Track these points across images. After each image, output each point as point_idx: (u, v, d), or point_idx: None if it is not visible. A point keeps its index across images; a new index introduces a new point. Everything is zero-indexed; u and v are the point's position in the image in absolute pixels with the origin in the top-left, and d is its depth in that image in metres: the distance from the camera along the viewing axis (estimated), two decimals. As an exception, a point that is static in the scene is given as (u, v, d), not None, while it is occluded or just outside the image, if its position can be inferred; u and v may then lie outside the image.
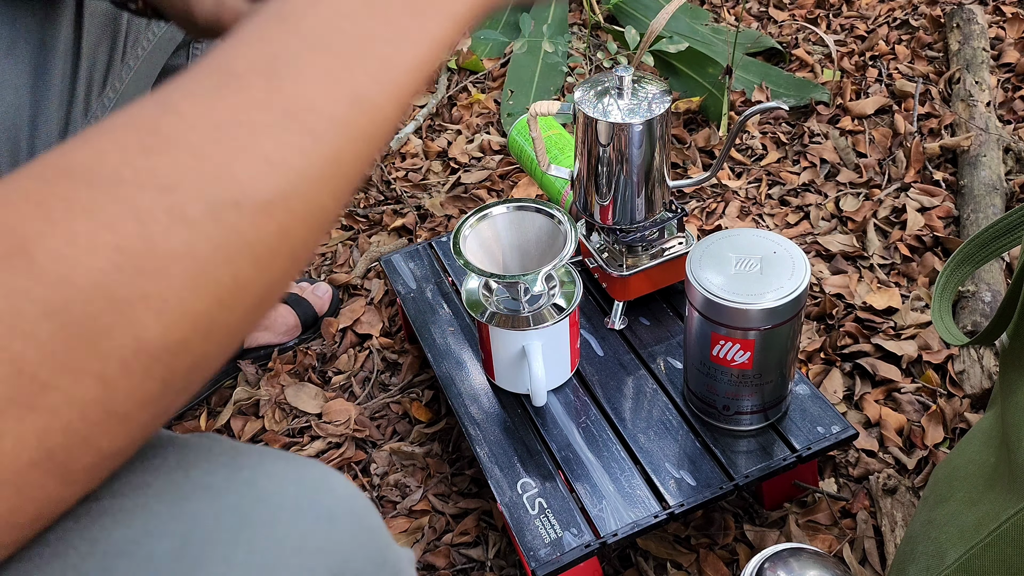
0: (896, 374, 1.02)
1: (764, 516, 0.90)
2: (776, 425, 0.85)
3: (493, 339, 0.85)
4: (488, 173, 1.39)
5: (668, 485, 0.80)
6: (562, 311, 0.84)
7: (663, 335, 0.95)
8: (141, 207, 0.26)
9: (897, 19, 1.63)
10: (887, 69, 1.50)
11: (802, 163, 1.35)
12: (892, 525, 0.87)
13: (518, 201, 0.85)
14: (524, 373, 0.86)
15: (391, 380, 1.10)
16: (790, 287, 0.75)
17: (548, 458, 0.84)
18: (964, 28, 1.51)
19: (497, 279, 0.80)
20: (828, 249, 1.20)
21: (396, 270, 1.08)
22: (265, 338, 1.13)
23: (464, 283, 0.88)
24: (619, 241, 0.91)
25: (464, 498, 0.96)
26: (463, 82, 1.60)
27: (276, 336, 1.13)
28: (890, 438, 0.96)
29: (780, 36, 1.63)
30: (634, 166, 0.86)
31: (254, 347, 1.12)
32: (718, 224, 1.26)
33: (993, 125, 1.32)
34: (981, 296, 1.06)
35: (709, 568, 0.86)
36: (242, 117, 0.28)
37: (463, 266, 0.80)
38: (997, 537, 0.53)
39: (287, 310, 1.14)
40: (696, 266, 0.78)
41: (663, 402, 0.88)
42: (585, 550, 0.76)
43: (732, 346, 0.78)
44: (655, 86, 0.86)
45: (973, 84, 1.39)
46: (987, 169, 1.24)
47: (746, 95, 1.48)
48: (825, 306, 1.10)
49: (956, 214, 1.22)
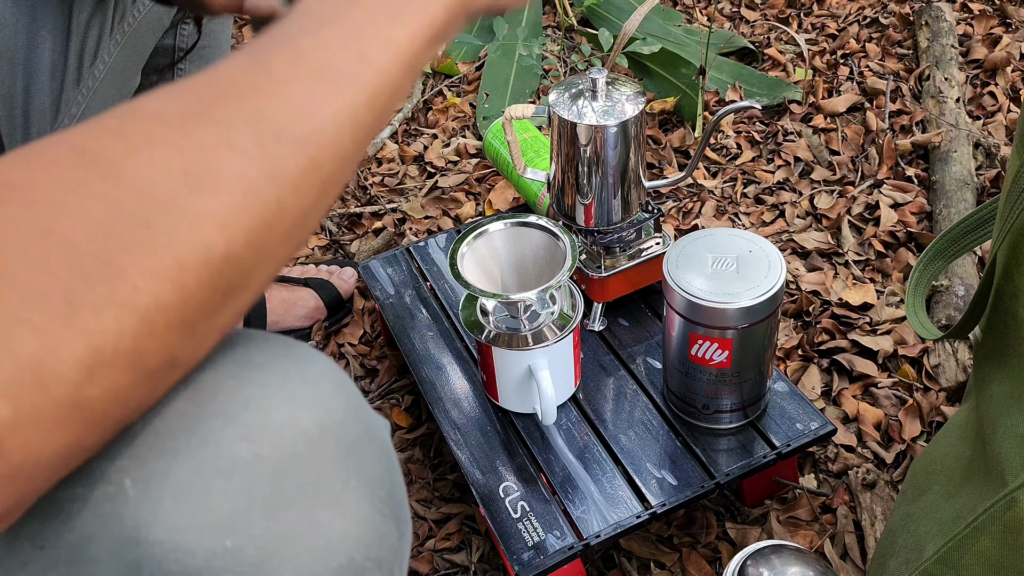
0: (873, 369, 1.03)
1: (746, 514, 0.90)
2: (755, 423, 0.85)
3: (497, 360, 0.83)
4: (465, 177, 1.39)
5: (650, 485, 0.80)
6: (564, 327, 0.82)
7: (642, 335, 0.95)
8: (201, 139, 0.32)
9: (867, 17, 1.65)
10: (858, 67, 1.52)
11: (776, 161, 1.36)
12: (872, 519, 0.88)
13: (514, 217, 0.83)
14: (530, 393, 0.84)
15: (370, 386, 1.10)
16: (766, 286, 0.76)
17: (530, 461, 0.84)
18: (933, 25, 1.53)
19: (501, 299, 0.78)
20: (803, 246, 1.20)
21: (374, 276, 1.07)
22: (288, 322, 1.14)
23: (460, 302, 0.87)
24: (597, 243, 0.91)
25: (446, 503, 0.96)
26: (438, 86, 1.60)
27: (299, 320, 1.14)
28: (868, 433, 0.97)
29: (752, 36, 1.64)
30: (610, 167, 0.86)
31: (283, 331, 1.13)
32: (695, 224, 1.26)
33: (963, 121, 1.33)
34: (955, 290, 1.07)
35: (692, 567, 0.86)
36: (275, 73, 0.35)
37: (464, 287, 0.77)
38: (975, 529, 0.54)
39: (310, 293, 1.15)
40: (673, 266, 0.78)
41: (643, 402, 0.88)
42: (568, 552, 0.76)
43: (710, 345, 0.78)
44: (629, 87, 0.86)
45: (943, 81, 1.41)
46: (958, 165, 1.25)
47: (720, 95, 1.49)
48: (802, 303, 1.11)
49: (928, 210, 1.23)
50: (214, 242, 0.31)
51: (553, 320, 0.83)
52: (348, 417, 0.37)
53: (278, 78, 0.35)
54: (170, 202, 0.30)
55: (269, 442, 0.34)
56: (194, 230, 0.30)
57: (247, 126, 0.33)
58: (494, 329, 0.82)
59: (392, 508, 0.38)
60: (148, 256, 0.29)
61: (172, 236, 0.30)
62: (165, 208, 0.30)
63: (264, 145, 0.33)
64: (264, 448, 0.34)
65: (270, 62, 0.35)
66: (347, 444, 0.36)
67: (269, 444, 0.34)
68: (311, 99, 0.35)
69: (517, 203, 1.27)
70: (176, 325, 0.30)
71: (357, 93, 0.36)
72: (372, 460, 0.37)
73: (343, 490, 0.35)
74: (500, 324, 0.83)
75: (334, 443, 0.35)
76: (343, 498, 0.35)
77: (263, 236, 0.32)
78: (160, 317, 0.29)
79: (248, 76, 0.35)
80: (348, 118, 0.36)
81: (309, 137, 0.34)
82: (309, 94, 0.35)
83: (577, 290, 0.86)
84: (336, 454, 0.35)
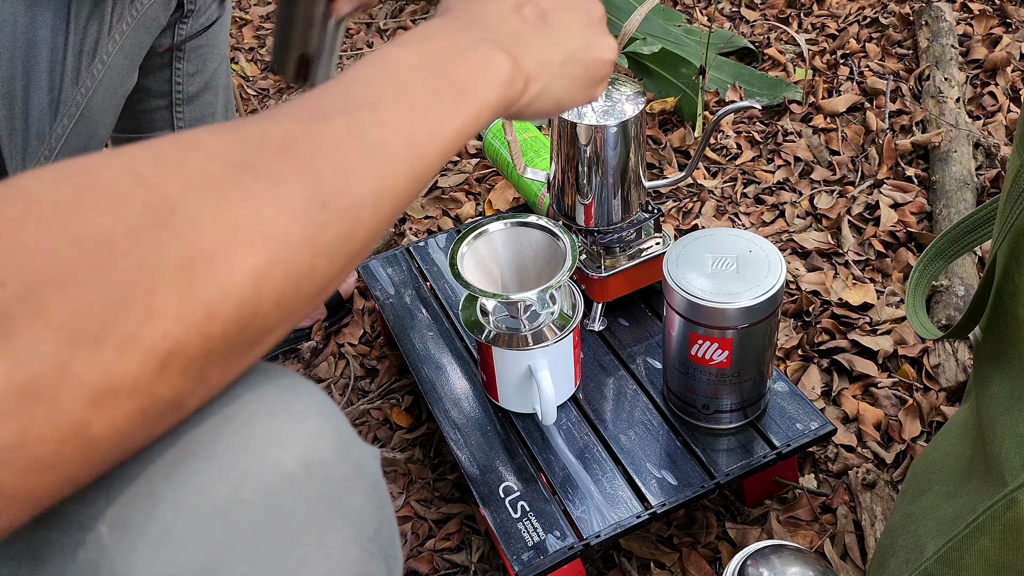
0: (873, 369, 1.03)
1: (746, 514, 0.90)
2: (755, 423, 0.85)
3: (497, 360, 0.83)
4: (465, 177, 1.39)
5: (650, 485, 0.80)
6: (564, 327, 0.82)
7: (642, 335, 0.95)
8: (255, 192, 0.32)
9: (867, 17, 1.65)
10: (858, 67, 1.52)
11: (776, 161, 1.36)
12: (872, 519, 0.88)
13: (514, 217, 0.83)
14: (530, 393, 0.84)
15: (370, 386, 1.10)
16: (766, 286, 0.76)
17: (530, 461, 0.84)
18: (933, 25, 1.53)
19: (501, 299, 0.78)
20: (803, 246, 1.20)
21: (374, 276, 1.07)
22: None
23: (460, 302, 0.87)
24: (597, 243, 0.91)
25: (447, 503, 0.96)
26: (438, 86, 1.60)
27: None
28: (868, 433, 0.97)
29: (752, 36, 1.64)
30: (610, 168, 0.86)
31: None
32: (695, 224, 1.26)
33: (963, 121, 1.33)
34: (954, 290, 1.07)
35: (692, 567, 0.86)
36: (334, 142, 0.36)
37: (464, 287, 0.77)
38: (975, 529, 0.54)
39: None
40: (673, 266, 0.78)
41: (643, 402, 0.88)
42: (568, 552, 0.76)
43: (710, 345, 0.78)
44: (629, 87, 0.86)
45: (943, 81, 1.41)
46: (958, 164, 1.25)
47: (720, 95, 1.49)
48: (802, 303, 1.11)
49: (928, 210, 1.23)
50: (247, 297, 0.31)
51: (553, 320, 0.83)
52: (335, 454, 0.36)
53: (335, 148, 0.35)
54: (214, 252, 0.30)
55: (251, 485, 0.33)
56: (231, 283, 0.30)
57: (299, 189, 0.33)
58: (494, 329, 0.82)
59: (380, 545, 0.37)
60: (182, 303, 0.29)
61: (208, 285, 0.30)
62: (208, 257, 0.30)
63: (311, 211, 0.33)
64: (246, 492, 0.33)
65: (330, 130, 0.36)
66: (333, 483, 0.35)
67: (251, 487, 0.33)
68: (361, 175, 0.36)
69: (517, 203, 1.27)
70: (192, 372, 0.30)
71: (400, 176, 0.37)
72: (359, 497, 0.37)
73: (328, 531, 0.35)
74: (500, 324, 0.83)
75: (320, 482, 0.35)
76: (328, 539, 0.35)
77: (291, 297, 0.33)
78: (177, 363, 0.29)
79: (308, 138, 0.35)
80: (389, 196, 0.37)
81: (352, 210, 0.35)
82: (360, 170, 0.36)
83: (577, 290, 0.86)
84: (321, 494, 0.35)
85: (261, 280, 0.31)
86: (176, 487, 0.32)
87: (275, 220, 0.32)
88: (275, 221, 0.32)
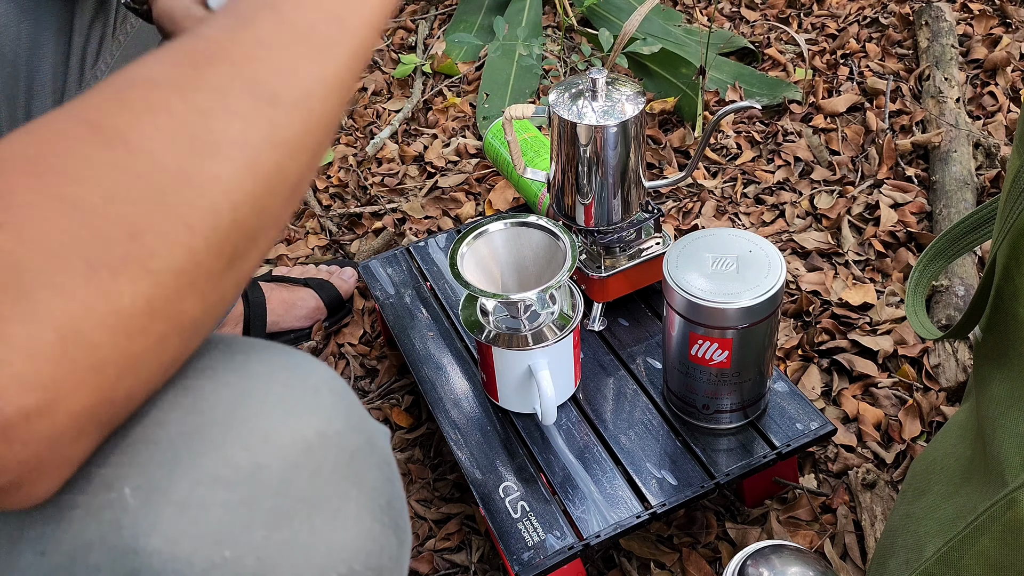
0: (873, 369, 1.03)
1: (746, 514, 0.90)
2: (755, 423, 0.85)
3: (497, 360, 0.83)
4: (465, 177, 1.39)
5: (650, 485, 0.80)
6: (564, 327, 0.82)
7: (642, 335, 0.95)
8: (201, 105, 0.32)
9: (867, 17, 1.65)
10: (858, 67, 1.52)
11: (776, 161, 1.36)
12: (872, 519, 0.88)
13: (514, 217, 0.83)
14: (530, 393, 0.84)
15: (370, 386, 1.10)
16: (766, 286, 0.76)
17: (530, 461, 0.84)
18: (933, 25, 1.53)
19: (501, 299, 0.78)
20: (803, 246, 1.20)
21: (374, 276, 1.07)
22: (288, 322, 1.14)
23: (460, 302, 0.87)
24: (597, 243, 0.91)
25: (446, 503, 0.96)
26: (438, 86, 1.60)
27: (299, 320, 1.14)
28: (868, 433, 0.97)
29: (752, 36, 1.64)
30: (610, 167, 0.86)
31: (283, 331, 1.13)
32: (695, 224, 1.26)
33: (963, 121, 1.33)
34: (954, 290, 1.07)
35: (692, 567, 0.86)
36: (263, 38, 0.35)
37: (464, 287, 0.77)
38: (975, 529, 0.54)
39: (309, 294, 1.15)
40: (673, 266, 0.78)
41: (643, 402, 0.88)
42: (568, 552, 0.76)
43: (710, 345, 0.78)
44: (629, 87, 0.86)
45: (943, 81, 1.41)
46: (958, 164, 1.25)
47: (720, 95, 1.49)
48: (801, 303, 1.11)
49: (928, 210, 1.23)
50: (221, 207, 0.31)
51: (553, 320, 0.83)
52: (348, 427, 0.37)
53: (267, 43, 0.35)
54: (179, 168, 0.31)
55: (269, 452, 0.34)
56: (202, 195, 0.31)
57: (244, 92, 0.33)
58: (494, 329, 0.82)
59: (391, 517, 0.38)
60: (161, 220, 0.30)
61: (182, 201, 0.30)
62: (175, 174, 0.31)
63: (262, 110, 0.33)
64: (264, 458, 0.34)
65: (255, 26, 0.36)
66: (347, 454, 0.36)
67: (269, 454, 0.34)
68: (300, 64, 0.36)
69: (517, 203, 1.27)
70: (185, 289, 0.31)
71: (339, 57, 0.37)
72: (372, 469, 0.37)
73: (343, 500, 0.36)
74: (500, 324, 0.83)
75: (334, 453, 0.36)
76: (343, 508, 0.36)
77: (266, 200, 0.33)
78: (171, 280, 0.30)
79: (237, 41, 0.35)
80: (335, 82, 0.37)
81: (302, 102, 0.35)
82: (298, 59, 0.36)
83: (577, 290, 0.86)
84: (336, 464, 0.36)
85: (231, 187, 0.32)
86: (198, 451, 0.33)
87: (228, 127, 0.32)
88: (229, 128, 0.32)
